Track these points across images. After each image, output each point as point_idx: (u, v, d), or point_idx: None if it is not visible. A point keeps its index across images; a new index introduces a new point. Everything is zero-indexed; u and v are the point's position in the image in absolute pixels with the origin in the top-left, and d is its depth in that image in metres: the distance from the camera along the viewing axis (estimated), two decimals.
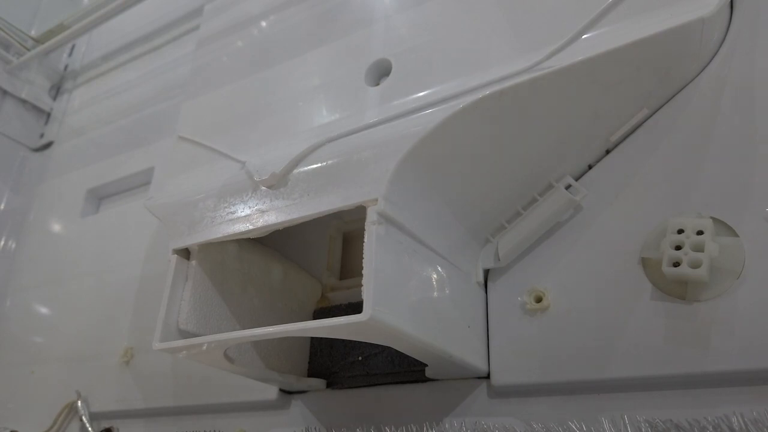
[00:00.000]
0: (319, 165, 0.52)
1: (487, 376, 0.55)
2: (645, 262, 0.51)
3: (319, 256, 0.71)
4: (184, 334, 0.53)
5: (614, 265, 0.52)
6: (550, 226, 0.56)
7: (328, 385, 0.64)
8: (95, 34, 1.29)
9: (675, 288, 0.48)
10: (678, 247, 0.47)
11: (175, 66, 1.10)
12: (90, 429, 0.79)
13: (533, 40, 0.50)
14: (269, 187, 0.53)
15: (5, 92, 1.22)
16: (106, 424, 0.80)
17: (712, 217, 0.48)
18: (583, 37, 0.48)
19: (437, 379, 0.58)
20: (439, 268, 0.52)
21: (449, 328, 0.51)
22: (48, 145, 1.25)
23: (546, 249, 0.56)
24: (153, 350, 0.52)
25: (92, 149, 1.14)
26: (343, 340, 0.63)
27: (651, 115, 0.55)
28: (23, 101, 1.25)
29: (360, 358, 0.62)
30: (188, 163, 0.65)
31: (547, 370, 0.51)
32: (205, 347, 0.51)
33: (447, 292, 0.52)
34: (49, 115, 1.29)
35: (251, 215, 0.53)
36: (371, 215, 0.45)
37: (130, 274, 0.89)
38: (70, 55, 1.36)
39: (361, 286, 0.43)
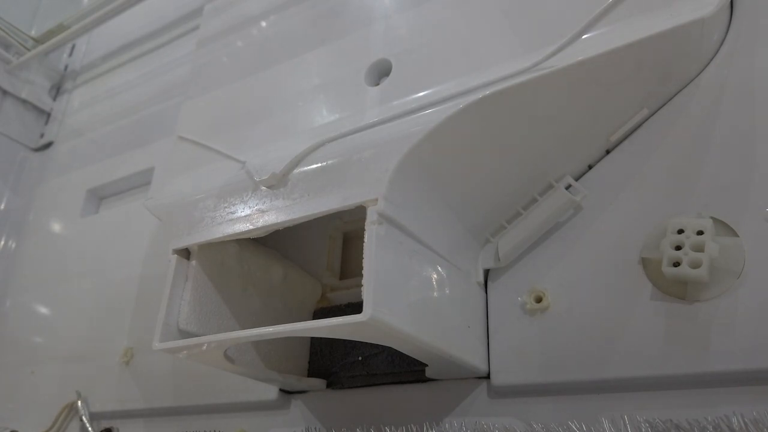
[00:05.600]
0: (319, 165, 0.52)
1: (487, 376, 0.55)
2: (645, 262, 0.51)
3: (319, 256, 0.71)
4: (184, 334, 0.53)
5: (614, 265, 0.52)
6: (550, 226, 0.56)
7: (328, 385, 0.64)
8: (95, 34, 1.29)
9: (675, 288, 0.48)
10: (678, 247, 0.47)
11: (175, 66, 1.10)
12: (90, 429, 0.79)
13: (533, 40, 0.50)
14: (269, 187, 0.53)
15: (5, 92, 1.22)
16: (106, 424, 0.80)
17: (712, 217, 0.48)
18: (583, 37, 0.48)
19: (437, 379, 0.58)
20: (439, 268, 0.52)
21: (449, 328, 0.51)
22: (48, 145, 1.24)
23: (546, 249, 0.56)
24: (153, 350, 0.52)
25: (92, 149, 1.14)
26: (343, 340, 0.63)
27: (651, 115, 0.54)
28: (23, 101, 1.25)
29: (360, 358, 0.62)
30: (188, 163, 0.65)
31: (547, 370, 0.51)
32: (205, 347, 0.51)
33: (447, 292, 0.52)
34: (49, 115, 1.28)
35: (251, 215, 0.53)
36: (371, 215, 0.45)
37: (130, 274, 0.89)
38: (70, 55, 1.36)
39: (361, 286, 0.43)
